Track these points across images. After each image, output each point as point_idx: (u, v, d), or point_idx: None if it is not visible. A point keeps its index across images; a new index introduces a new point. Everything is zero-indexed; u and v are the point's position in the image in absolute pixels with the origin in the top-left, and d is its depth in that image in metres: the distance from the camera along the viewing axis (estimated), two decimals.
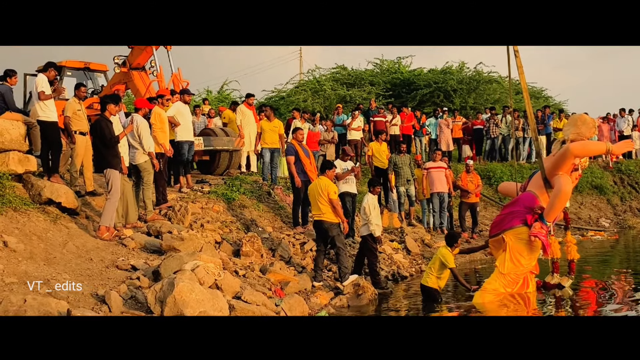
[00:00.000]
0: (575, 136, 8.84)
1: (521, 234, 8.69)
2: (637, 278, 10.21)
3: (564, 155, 8.63)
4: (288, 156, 11.08)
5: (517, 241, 8.70)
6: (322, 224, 9.40)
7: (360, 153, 16.69)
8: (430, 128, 19.06)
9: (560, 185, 8.44)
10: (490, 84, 28.34)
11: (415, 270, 11.56)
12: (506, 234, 8.79)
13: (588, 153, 9.04)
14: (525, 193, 9.21)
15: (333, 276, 9.88)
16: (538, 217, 8.60)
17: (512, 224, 8.81)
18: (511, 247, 8.70)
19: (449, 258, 8.97)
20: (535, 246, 8.67)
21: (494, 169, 18.13)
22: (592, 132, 9.00)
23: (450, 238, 9.42)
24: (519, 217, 8.81)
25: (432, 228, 14.00)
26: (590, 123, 9.05)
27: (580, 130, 8.87)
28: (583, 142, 8.78)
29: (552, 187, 8.70)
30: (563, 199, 8.53)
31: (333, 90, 26.23)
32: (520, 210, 8.90)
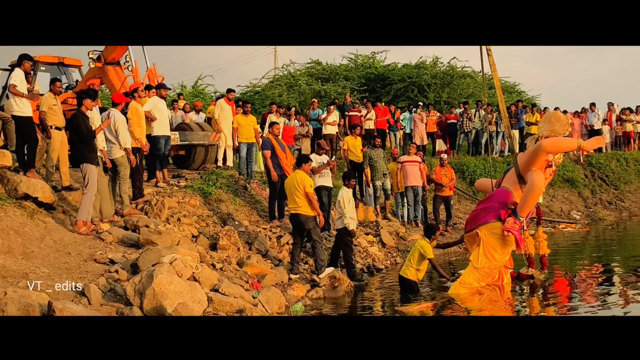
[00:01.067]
0: (549, 133, 9.06)
1: (495, 229, 8.89)
2: (607, 269, 10.47)
3: (536, 151, 8.85)
4: (264, 150, 11.17)
5: (490, 236, 8.91)
6: (299, 217, 9.52)
7: (335, 147, 16.81)
8: (404, 122, 19.22)
9: (533, 181, 8.65)
10: (464, 78, 28.53)
11: (391, 263, 11.72)
12: (480, 229, 8.99)
13: (560, 149, 9.25)
14: (499, 189, 9.43)
15: (309, 269, 9.99)
16: (511, 212, 8.81)
17: (486, 219, 9.02)
18: (485, 242, 8.91)
19: (427, 249, 9.14)
20: (508, 241, 8.88)
21: (468, 162, 18.36)
22: (566, 129, 9.22)
23: (429, 229, 9.62)
24: (493, 213, 9.02)
25: (407, 221, 14.18)
26: (564, 120, 9.28)
27: (554, 127, 9.09)
28: (555, 138, 8.99)
29: (526, 183, 8.91)
30: (536, 195, 8.75)
31: (308, 85, 26.32)
32: (494, 206, 9.11)
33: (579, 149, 9.09)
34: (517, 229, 8.72)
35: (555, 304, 8.57)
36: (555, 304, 8.57)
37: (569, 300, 8.65)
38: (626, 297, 8.29)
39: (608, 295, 8.49)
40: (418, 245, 9.26)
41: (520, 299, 9.00)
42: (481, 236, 8.92)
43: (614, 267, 10.63)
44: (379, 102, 18.90)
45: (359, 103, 18.58)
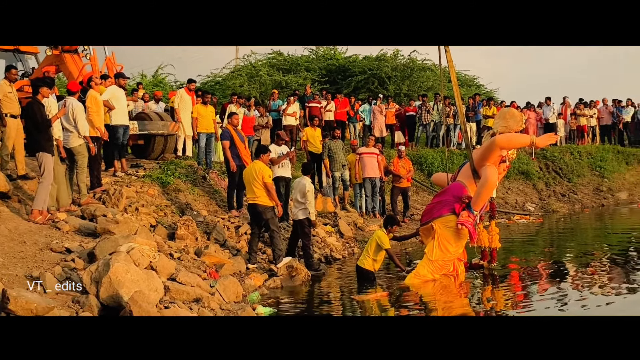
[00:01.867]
0: (504, 129, 9.29)
1: (449, 222, 9.10)
2: (560, 260, 10.76)
3: (490, 147, 9.07)
4: (223, 141, 11.21)
5: (445, 229, 9.11)
6: (257, 207, 9.59)
7: (295, 138, 16.89)
8: (364, 114, 19.36)
9: (487, 176, 8.86)
10: (424, 71, 28.62)
11: (348, 253, 11.87)
12: (435, 222, 9.19)
13: (513, 145, 9.47)
14: (454, 183, 9.64)
15: (267, 258, 10.08)
16: (466, 206, 9.02)
17: (441, 213, 9.22)
18: (440, 234, 9.11)
19: (384, 239, 9.30)
20: (462, 234, 9.10)
21: (426, 154, 18.60)
22: (520, 126, 9.46)
23: (389, 220, 9.77)
24: (448, 206, 9.22)
25: (365, 212, 14.36)
26: (518, 117, 9.53)
27: (509, 124, 9.33)
28: (508, 134, 9.22)
29: (480, 178, 9.12)
30: (489, 189, 8.98)
31: (269, 75, 26.19)
32: (449, 200, 9.31)
33: (532, 145, 9.31)
34: (470, 223, 8.94)
35: (507, 294, 8.81)
36: (507, 294, 8.81)
37: (522, 289, 8.95)
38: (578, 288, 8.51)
39: (560, 286, 8.70)
40: (375, 236, 9.41)
41: (473, 287, 9.24)
42: (436, 229, 9.12)
43: (566, 259, 10.90)
44: (338, 94, 19.01)
45: (319, 94, 18.70)
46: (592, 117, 22.43)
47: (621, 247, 12.40)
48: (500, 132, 9.21)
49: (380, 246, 9.29)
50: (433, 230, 9.15)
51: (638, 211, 18.03)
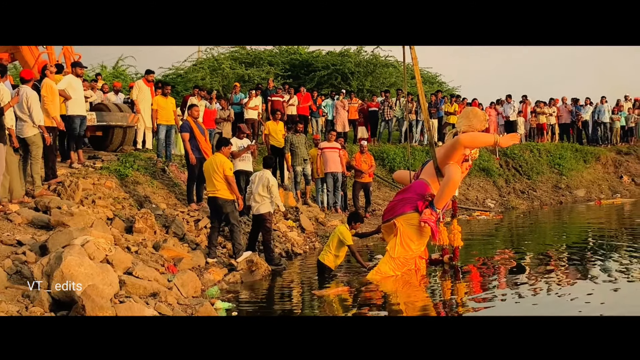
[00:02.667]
0: (467, 128, 9.29)
1: (412, 219, 9.06)
2: (519, 256, 10.82)
3: (454, 145, 9.06)
4: (183, 133, 11.01)
5: (407, 227, 9.08)
6: (217, 201, 9.45)
7: (257, 132, 16.74)
8: (326, 109, 19.31)
9: (450, 174, 8.85)
10: (386, 67, 28.87)
11: (309, 248, 11.79)
12: (398, 219, 9.14)
13: (477, 144, 9.48)
14: (417, 181, 9.61)
15: (227, 253, 9.95)
16: (428, 204, 9.00)
17: (404, 210, 9.18)
18: (402, 232, 9.07)
19: (346, 235, 9.24)
20: (425, 232, 9.07)
21: (388, 150, 18.62)
22: (483, 125, 9.47)
23: (353, 217, 9.71)
24: (411, 204, 9.19)
25: (327, 207, 14.27)
26: (482, 116, 9.54)
27: (472, 123, 9.34)
28: (472, 133, 9.22)
29: (443, 176, 9.11)
30: (452, 187, 8.97)
31: (232, 69, 26.04)
32: (412, 197, 9.28)
33: (496, 145, 9.30)
34: (433, 221, 8.92)
35: (466, 288, 8.87)
36: (466, 288, 8.87)
37: (481, 284, 8.96)
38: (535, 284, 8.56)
39: (517, 283, 8.71)
40: (337, 232, 9.34)
41: (434, 281, 9.26)
42: (398, 226, 9.07)
43: (525, 255, 10.98)
44: (302, 88, 18.92)
45: (281, 88, 18.56)
46: (552, 115, 22.72)
47: (578, 243, 12.54)
48: (464, 131, 9.21)
49: (342, 242, 9.23)
50: (395, 227, 9.11)
51: (595, 208, 18.28)
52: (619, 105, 23.85)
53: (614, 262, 9.84)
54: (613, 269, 9.14)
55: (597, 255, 10.54)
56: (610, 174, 22.26)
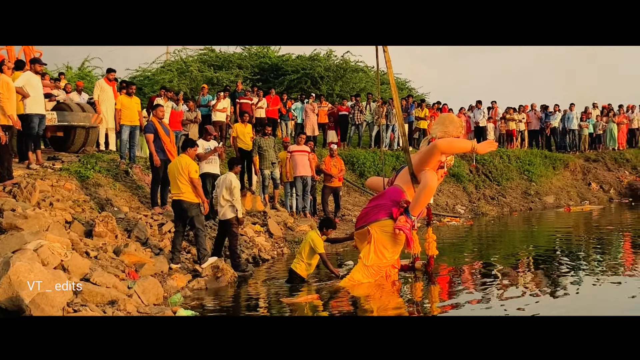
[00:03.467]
0: (443, 134, 9.08)
1: (386, 226, 8.78)
2: (488, 262, 10.67)
3: (430, 151, 8.82)
4: (147, 134, 10.62)
5: (382, 234, 8.80)
6: (181, 204, 9.09)
7: (225, 135, 16.38)
8: (296, 112, 19.04)
9: (426, 181, 8.61)
10: (356, 72, 28.88)
11: (277, 254, 11.48)
12: (371, 226, 8.85)
13: (454, 150, 9.29)
14: (392, 187, 9.35)
15: (192, 258, 9.59)
16: (403, 210, 8.73)
17: (378, 217, 8.90)
18: (376, 239, 8.77)
19: (318, 243, 8.91)
20: (399, 239, 8.80)
21: (358, 155, 18.38)
22: (459, 131, 9.26)
23: (325, 223, 9.38)
24: (385, 210, 8.91)
25: (295, 211, 13.96)
26: (457, 122, 9.33)
27: (448, 129, 9.12)
28: (450, 139, 9.01)
29: (419, 182, 8.87)
30: (428, 194, 8.72)
31: (200, 71, 25.77)
32: (386, 204, 9.00)
33: (473, 151, 9.08)
34: (408, 228, 8.65)
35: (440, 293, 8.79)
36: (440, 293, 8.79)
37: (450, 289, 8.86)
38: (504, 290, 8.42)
39: (486, 287, 8.59)
40: (309, 239, 9.01)
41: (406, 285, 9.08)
42: (372, 233, 8.78)
43: (494, 261, 10.82)
44: (272, 90, 18.62)
45: (250, 91, 18.22)
46: (521, 121, 22.74)
47: (546, 249, 12.44)
48: (439, 138, 9.00)
49: (314, 250, 8.91)
50: (369, 234, 8.81)
51: (564, 215, 18.25)
52: (587, 113, 23.99)
53: (579, 270, 9.74)
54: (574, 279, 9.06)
55: (564, 263, 10.45)
56: (578, 181, 22.31)
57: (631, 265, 10.14)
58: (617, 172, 22.98)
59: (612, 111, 24.51)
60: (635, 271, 9.62)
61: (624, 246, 12.40)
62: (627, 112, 24.70)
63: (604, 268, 9.79)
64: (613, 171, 23.01)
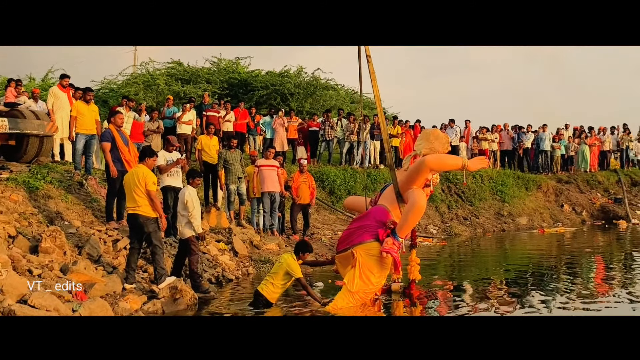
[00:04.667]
0: (428, 151, 8.47)
1: (372, 249, 8.07)
2: (460, 283, 10.25)
3: (419, 168, 8.18)
4: (103, 142, 9.86)
5: (367, 257, 8.06)
6: (137, 219, 8.33)
7: (190, 149, 15.63)
8: (264, 127, 18.41)
9: (415, 200, 7.95)
10: (327, 90, 28.54)
11: (242, 273, 10.77)
12: (356, 249, 8.13)
13: (444, 167, 8.71)
14: (376, 207, 8.65)
15: (148, 278, 8.84)
16: (390, 232, 8.07)
17: (363, 239, 8.18)
18: (361, 263, 8.04)
19: (295, 267, 8.18)
20: (386, 263, 8.12)
21: (328, 172, 17.79)
22: (446, 148, 8.66)
23: (301, 247, 8.62)
24: (370, 232, 8.20)
25: (262, 229, 13.25)
26: (443, 138, 8.73)
27: (433, 146, 8.51)
28: (439, 155, 8.41)
29: (405, 202, 8.25)
30: (417, 214, 8.07)
31: (167, 85, 25.09)
32: (371, 225, 8.29)
33: (464, 168, 8.47)
34: (396, 251, 7.99)
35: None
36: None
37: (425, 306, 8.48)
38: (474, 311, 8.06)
39: (458, 308, 8.29)
40: (285, 263, 8.24)
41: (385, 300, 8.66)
42: (357, 257, 8.04)
43: (465, 283, 10.43)
44: (241, 103, 17.96)
45: (217, 104, 17.51)
46: (494, 141, 22.42)
47: (518, 272, 12.02)
48: (424, 154, 8.40)
49: (289, 274, 8.18)
50: (353, 258, 8.08)
51: (538, 236, 17.88)
52: (559, 134, 23.82)
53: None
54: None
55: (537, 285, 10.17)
56: (551, 202, 22.03)
57: (604, 291, 9.74)
58: (589, 194, 22.81)
59: (584, 133, 24.39)
60: (605, 296, 9.18)
61: (596, 270, 12.09)
62: (599, 134, 24.66)
63: (577, 292, 9.41)
64: (585, 193, 22.83)
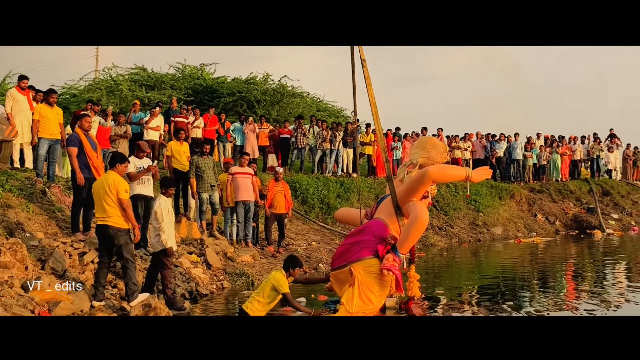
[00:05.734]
0: (425, 160, 7.95)
1: (371, 266, 7.47)
2: (434, 295, 9.90)
3: (420, 179, 7.62)
4: (70, 147, 9.14)
5: (366, 275, 7.46)
6: (107, 230, 7.66)
7: (157, 156, 14.94)
8: (235, 133, 17.80)
9: (418, 213, 7.39)
10: (294, 97, 28.22)
11: (217, 287, 10.17)
12: (354, 266, 7.54)
13: (447, 179, 8.19)
14: (374, 220, 8.06)
15: (119, 294, 8.17)
16: (390, 248, 7.51)
17: (361, 255, 7.57)
18: (360, 281, 7.44)
19: (283, 282, 7.60)
20: (386, 281, 7.54)
21: (300, 180, 17.26)
22: (444, 157, 8.15)
23: (291, 262, 8.02)
24: (369, 248, 7.60)
25: (236, 240, 12.62)
26: (441, 147, 8.21)
27: (430, 155, 7.99)
28: (442, 166, 7.89)
29: (404, 215, 7.71)
30: (420, 229, 7.50)
31: (131, 91, 24.38)
32: (369, 240, 7.69)
33: (467, 180, 7.93)
34: (397, 268, 7.42)
35: None
36: None
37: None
38: None
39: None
40: (272, 279, 7.66)
41: None
42: (356, 275, 7.44)
43: (439, 295, 10.08)
44: (211, 109, 17.32)
45: (186, 109, 16.84)
46: (467, 150, 22.16)
47: (491, 283, 11.76)
48: (421, 164, 7.87)
49: (276, 290, 7.59)
50: (351, 276, 7.49)
51: (513, 246, 17.62)
52: (530, 143, 23.68)
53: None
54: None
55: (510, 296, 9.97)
56: (524, 212, 21.84)
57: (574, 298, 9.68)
58: (562, 204, 22.71)
59: (556, 142, 24.33)
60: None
61: (568, 280, 11.96)
62: (570, 143, 24.65)
63: (549, 302, 9.22)
64: (558, 203, 22.72)
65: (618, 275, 12.22)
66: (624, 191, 24.47)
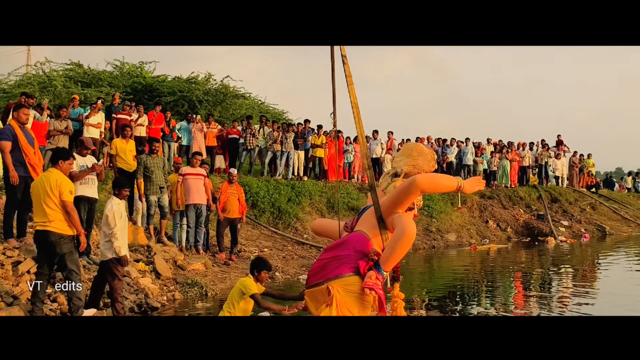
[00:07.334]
0: (411, 169, 7.21)
1: (351, 285, 6.65)
2: (410, 299, 9.47)
3: (407, 190, 6.86)
4: (3, 141, 8.09)
5: (346, 294, 6.64)
6: (48, 237, 6.67)
7: (98, 155, 13.84)
8: (181, 132, 16.82)
9: (404, 227, 6.61)
10: (237, 98, 27.66)
11: (168, 299, 9.26)
12: (332, 284, 6.72)
13: (437, 189, 7.43)
14: (354, 233, 7.27)
15: (59, 310, 7.19)
16: (373, 264, 6.73)
17: (340, 272, 6.74)
18: (339, 301, 6.63)
19: (250, 284, 6.72)
20: (367, 301, 6.76)
21: (250, 183, 16.41)
22: (432, 165, 7.45)
23: (257, 264, 7.17)
24: (349, 264, 6.77)
25: (186, 246, 11.69)
26: (429, 155, 7.49)
27: (417, 162, 7.25)
28: (432, 175, 7.18)
29: (387, 228, 6.96)
30: (407, 244, 6.72)
31: (65, 87, 23.10)
32: (349, 255, 6.86)
33: (459, 190, 7.22)
34: (380, 287, 6.64)
35: None
36: None
37: None
38: None
39: None
40: (239, 284, 6.82)
41: None
42: (334, 294, 6.63)
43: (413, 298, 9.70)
44: (158, 107, 16.26)
45: (129, 105, 15.75)
46: None
47: (442, 292, 11.44)
48: (406, 173, 7.17)
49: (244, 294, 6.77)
50: (329, 295, 6.68)
51: (467, 254, 17.20)
52: (480, 148, 23.47)
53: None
54: None
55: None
56: (476, 218, 21.55)
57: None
58: (512, 210, 22.56)
59: (505, 147, 24.20)
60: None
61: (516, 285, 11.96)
62: (518, 149, 24.57)
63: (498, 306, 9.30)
64: (508, 209, 22.56)
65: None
66: (571, 198, 24.54)
